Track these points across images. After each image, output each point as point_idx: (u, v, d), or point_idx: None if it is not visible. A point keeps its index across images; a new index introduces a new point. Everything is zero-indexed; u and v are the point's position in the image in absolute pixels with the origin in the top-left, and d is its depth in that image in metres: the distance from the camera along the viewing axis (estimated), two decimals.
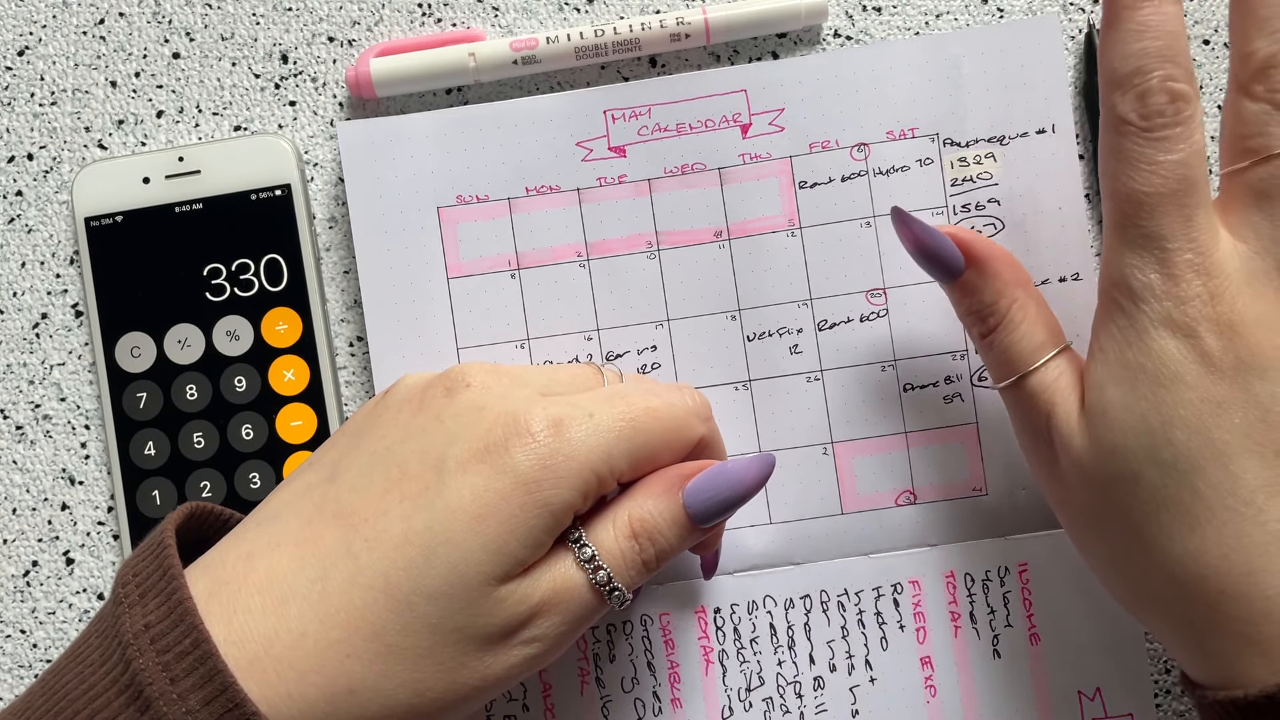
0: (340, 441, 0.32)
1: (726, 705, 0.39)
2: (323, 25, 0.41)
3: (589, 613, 0.31)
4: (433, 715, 0.29)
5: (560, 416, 0.30)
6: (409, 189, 0.39)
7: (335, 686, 0.28)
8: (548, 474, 0.29)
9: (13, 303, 0.40)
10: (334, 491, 0.30)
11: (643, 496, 0.31)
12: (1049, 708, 0.38)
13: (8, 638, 0.40)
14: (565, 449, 0.30)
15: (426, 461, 0.30)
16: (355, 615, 0.28)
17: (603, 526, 0.31)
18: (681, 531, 0.31)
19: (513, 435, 0.30)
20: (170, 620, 0.28)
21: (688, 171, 0.39)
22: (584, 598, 0.30)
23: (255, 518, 0.31)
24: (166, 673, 0.27)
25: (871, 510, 0.39)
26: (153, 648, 0.27)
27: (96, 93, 0.41)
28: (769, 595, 0.39)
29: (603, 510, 0.31)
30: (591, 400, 0.31)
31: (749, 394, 0.39)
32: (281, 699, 0.28)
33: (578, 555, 0.30)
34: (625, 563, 0.31)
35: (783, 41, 0.40)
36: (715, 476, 0.32)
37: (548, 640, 0.30)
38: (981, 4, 0.40)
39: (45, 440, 0.40)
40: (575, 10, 0.41)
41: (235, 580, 0.29)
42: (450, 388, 0.31)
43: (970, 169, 0.39)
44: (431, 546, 0.29)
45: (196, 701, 0.27)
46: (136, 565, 0.30)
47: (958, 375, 0.39)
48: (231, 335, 0.39)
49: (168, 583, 0.29)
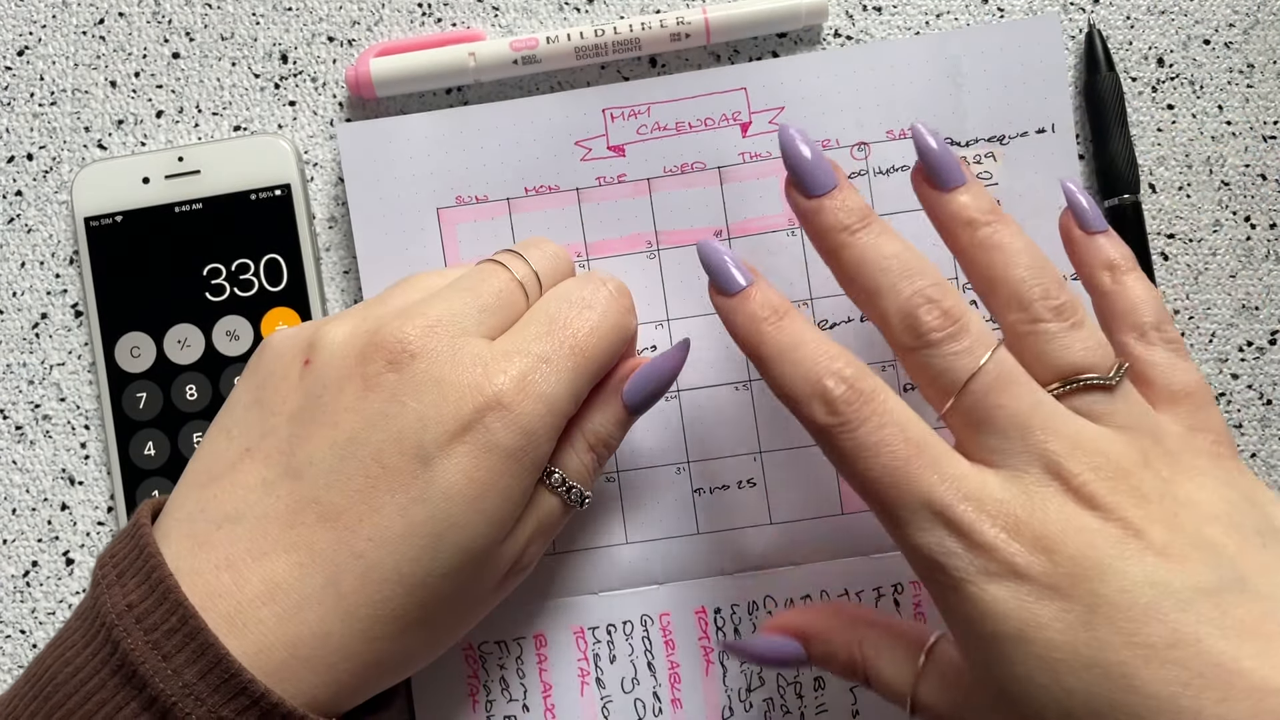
0: (267, 423, 0.31)
1: (726, 705, 0.39)
2: (323, 25, 0.41)
3: (562, 524, 0.34)
4: (437, 653, 0.32)
5: (521, 373, 0.31)
6: (409, 190, 0.39)
7: (364, 665, 0.29)
8: (529, 439, 0.30)
9: (13, 303, 0.40)
10: (307, 491, 0.30)
11: (593, 412, 0.34)
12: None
13: (8, 638, 0.40)
14: (537, 409, 0.31)
15: (405, 451, 0.29)
16: (376, 607, 0.29)
17: (566, 453, 0.33)
18: (624, 426, 0.34)
19: (486, 409, 0.30)
20: (154, 599, 0.28)
21: (687, 170, 0.39)
22: (558, 515, 0.33)
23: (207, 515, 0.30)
24: (157, 650, 0.27)
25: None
26: (139, 626, 0.28)
27: (96, 93, 0.41)
28: (769, 595, 0.39)
29: (563, 435, 0.33)
30: (538, 341, 0.31)
31: (749, 394, 0.39)
32: (317, 690, 0.29)
33: (549, 484, 0.33)
34: (588, 474, 0.34)
35: (783, 41, 0.40)
36: (647, 374, 0.34)
37: (534, 560, 0.34)
38: (982, 4, 0.40)
39: (45, 440, 0.40)
40: (575, 10, 0.41)
41: (228, 593, 0.29)
42: (393, 360, 0.30)
43: (970, 168, 0.39)
44: (437, 534, 0.29)
45: (192, 675, 0.27)
46: (113, 549, 0.30)
47: None
48: (231, 335, 0.39)
49: (145, 561, 0.29)
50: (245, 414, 0.32)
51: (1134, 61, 0.40)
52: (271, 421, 0.31)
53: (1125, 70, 0.40)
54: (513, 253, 0.34)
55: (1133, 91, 0.40)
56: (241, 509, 0.30)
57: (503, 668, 0.39)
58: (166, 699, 0.27)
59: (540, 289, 0.34)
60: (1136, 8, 0.40)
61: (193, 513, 0.30)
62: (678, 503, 0.39)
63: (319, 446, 0.30)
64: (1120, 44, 0.40)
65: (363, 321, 0.32)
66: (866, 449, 0.29)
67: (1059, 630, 0.27)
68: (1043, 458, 0.29)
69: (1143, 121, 0.40)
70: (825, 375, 0.30)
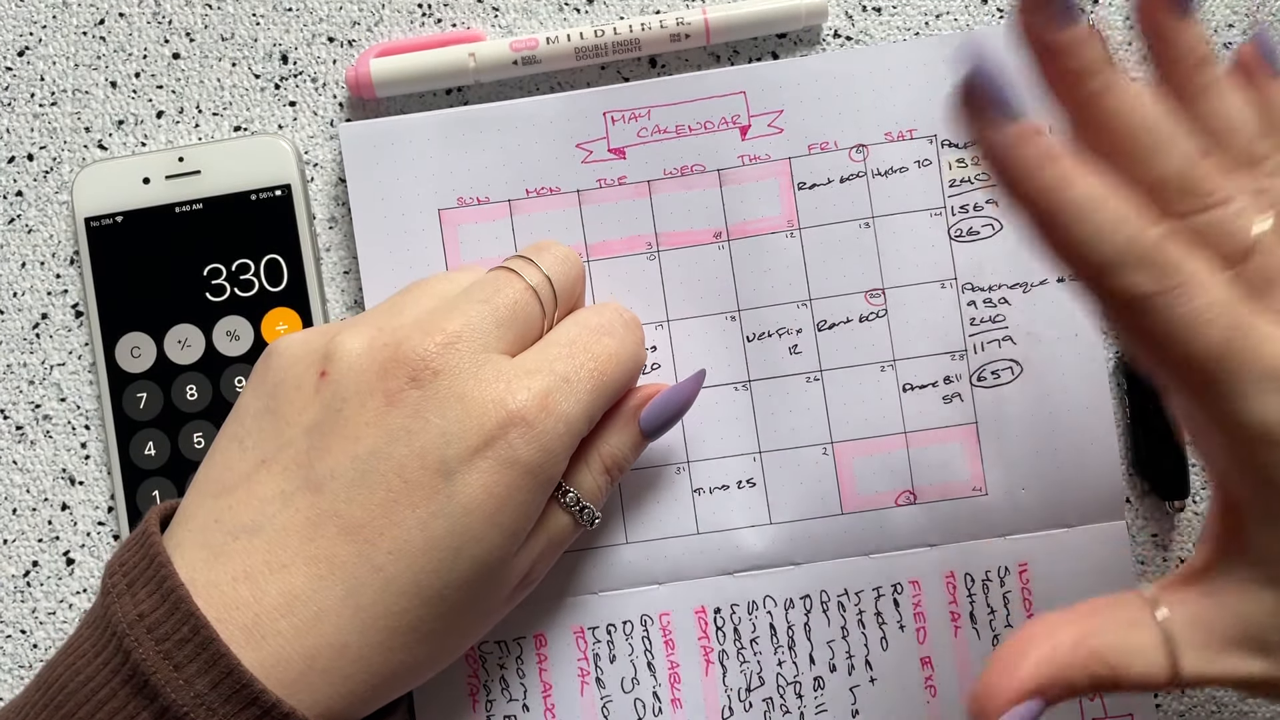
0: (284, 434, 0.31)
1: (726, 705, 0.39)
2: (323, 25, 0.41)
3: (571, 540, 0.35)
4: (447, 662, 0.33)
5: (543, 391, 0.31)
6: (410, 191, 0.39)
7: (378, 676, 0.30)
8: (548, 456, 0.31)
9: (13, 303, 0.40)
10: (327, 504, 0.30)
11: (609, 434, 0.35)
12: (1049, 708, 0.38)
13: (8, 638, 0.40)
14: (558, 427, 0.31)
15: (427, 466, 0.30)
16: (393, 620, 0.29)
17: (580, 472, 0.34)
18: (638, 450, 0.36)
19: (509, 425, 0.30)
20: (165, 609, 0.28)
21: (687, 173, 0.39)
22: (569, 532, 0.34)
23: (223, 526, 0.30)
24: (169, 660, 0.27)
25: (871, 510, 0.39)
26: (150, 637, 0.28)
27: (96, 93, 0.41)
28: (769, 595, 0.39)
29: (577, 454, 0.34)
30: (560, 361, 0.32)
31: (749, 394, 0.39)
32: (332, 701, 0.29)
33: (564, 503, 0.33)
34: (601, 494, 0.35)
35: (783, 42, 0.40)
36: (665, 401, 0.35)
37: (542, 574, 0.35)
38: (981, 4, 0.40)
39: (45, 440, 0.40)
40: (575, 10, 0.41)
41: (246, 605, 0.29)
42: (415, 376, 0.30)
43: (968, 170, 0.39)
44: (456, 547, 0.30)
45: (204, 685, 0.27)
46: (123, 556, 0.30)
47: (957, 375, 0.39)
48: (232, 335, 0.39)
49: (155, 570, 0.29)
50: (257, 423, 0.32)
51: (1134, 61, 0.40)
52: (288, 433, 0.31)
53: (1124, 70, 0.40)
54: (524, 259, 0.34)
55: None
56: (260, 520, 0.30)
57: (503, 668, 0.39)
58: (179, 709, 0.27)
59: (554, 294, 0.34)
60: None
61: (206, 523, 0.30)
62: (678, 503, 0.39)
63: (339, 460, 0.30)
64: (1120, 44, 0.40)
65: (379, 334, 0.32)
66: (1195, 316, 0.25)
67: None
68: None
69: None
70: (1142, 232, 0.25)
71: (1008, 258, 0.39)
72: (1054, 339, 0.39)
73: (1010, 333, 0.39)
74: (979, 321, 0.39)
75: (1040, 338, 0.39)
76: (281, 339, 0.33)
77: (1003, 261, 0.39)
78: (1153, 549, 0.40)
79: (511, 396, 0.30)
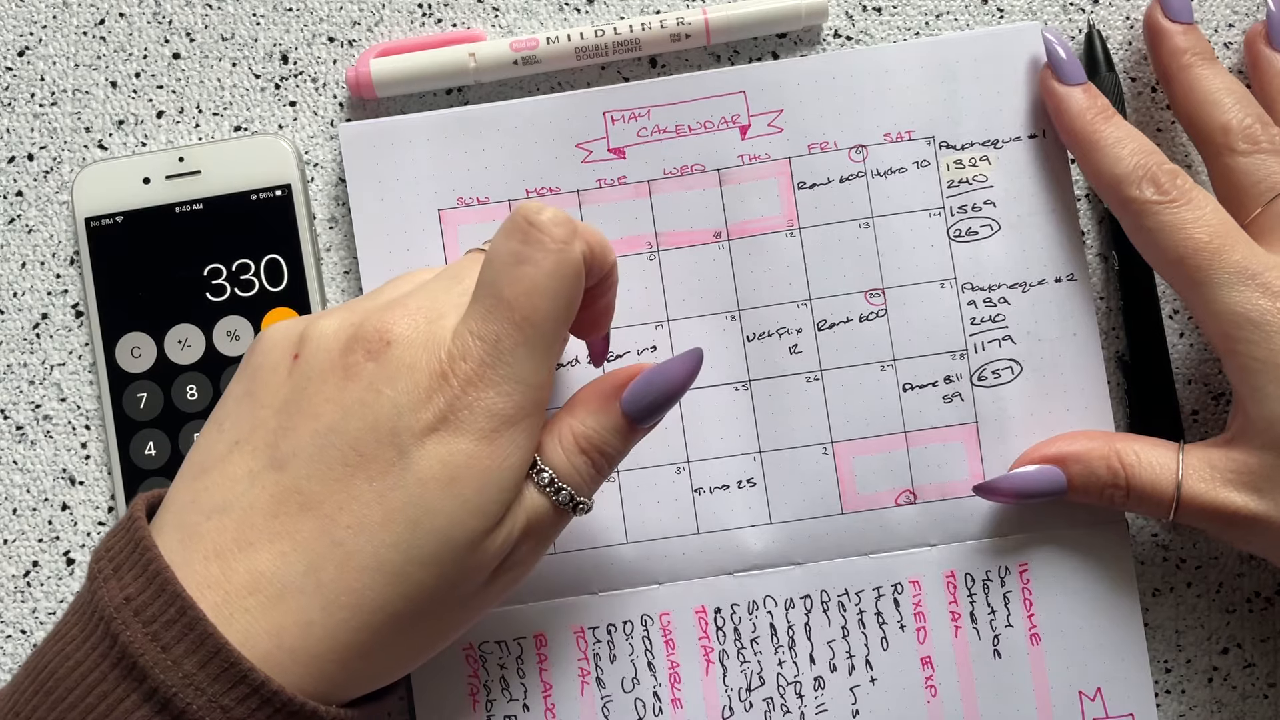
0: (256, 415, 0.31)
1: (726, 705, 0.39)
2: (323, 25, 0.41)
3: (557, 529, 0.33)
4: (430, 652, 0.32)
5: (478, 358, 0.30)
6: (410, 191, 0.39)
7: (350, 658, 0.29)
8: (498, 420, 0.30)
9: (13, 303, 0.41)
10: (289, 481, 0.30)
11: (583, 413, 0.32)
12: (1049, 708, 0.38)
13: (8, 638, 0.40)
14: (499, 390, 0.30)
15: (381, 439, 0.29)
16: (356, 597, 0.29)
17: (550, 446, 0.32)
18: (625, 436, 0.33)
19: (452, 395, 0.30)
20: (151, 591, 0.28)
21: (687, 173, 0.39)
22: (550, 518, 0.32)
23: (198, 506, 0.30)
24: (156, 641, 0.27)
25: (871, 510, 0.39)
26: (137, 619, 0.28)
27: (97, 93, 0.41)
28: (769, 595, 0.39)
29: (546, 428, 0.32)
30: (485, 320, 0.30)
31: (749, 394, 0.39)
32: (304, 681, 0.29)
33: (537, 482, 0.31)
34: (582, 478, 0.32)
35: (783, 42, 0.40)
36: (649, 382, 0.32)
37: (526, 564, 0.32)
38: (981, 4, 0.40)
39: (45, 440, 0.40)
40: (575, 10, 0.41)
41: (216, 584, 0.29)
42: (372, 350, 0.30)
43: (966, 171, 0.39)
44: (414, 519, 0.29)
45: (192, 665, 0.27)
46: (109, 542, 0.30)
47: (957, 375, 0.39)
48: (232, 335, 0.39)
49: (141, 554, 0.29)
50: (236, 407, 0.32)
51: (1134, 61, 0.40)
52: (261, 414, 0.31)
53: (1125, 70, 0.40)
54: None
55: (1132, 92, 0.40)
56: (229, 500, 0.30)
57: (503, 668, 0.39)
58: (167, 689, 0.27)
59: None
60: (1136, 8, 0.40)
61: (185, 505, 0.30)
62: (678, 503, 0.39)
63: (302, 437, 0.30)
64: (1120, 44, 0.40)
65: (350, 314, 0.32)
66: (1187, 222, 0.34)
67: None
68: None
69: (1143, 122, 0.40)
70: (1154, 162, 0.35)
71: (1007, 258, 0.39)
72: (1054, 339, 0.39)
73: (1010, 332, 0.39)
74: (979, 321, 0.39)
75: (1040, 338, 0.39)
76: (268, 328, 0.33)
77: (1002, 261, 0.39)
78: (1153, 549, 0.39)
79: (451, 367, 0.30)
